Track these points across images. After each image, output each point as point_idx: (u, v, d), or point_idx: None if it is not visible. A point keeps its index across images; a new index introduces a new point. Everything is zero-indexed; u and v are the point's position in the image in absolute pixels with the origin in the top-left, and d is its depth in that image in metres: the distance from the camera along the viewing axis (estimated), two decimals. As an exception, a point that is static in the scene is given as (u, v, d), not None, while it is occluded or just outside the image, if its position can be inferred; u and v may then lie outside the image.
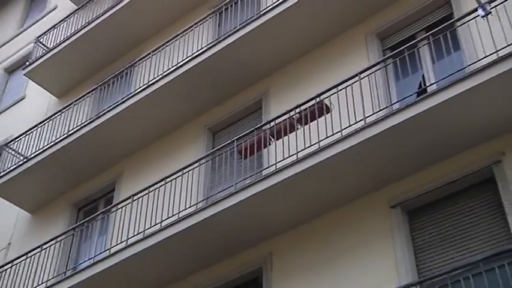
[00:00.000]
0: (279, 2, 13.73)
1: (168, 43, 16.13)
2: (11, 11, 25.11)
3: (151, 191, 13.36)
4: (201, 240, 12.13)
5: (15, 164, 16.78)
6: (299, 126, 11.88)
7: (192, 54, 14.96)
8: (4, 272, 14.79)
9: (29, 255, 14.76)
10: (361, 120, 10.83)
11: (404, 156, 10.53)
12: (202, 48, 14.82)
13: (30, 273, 14.30)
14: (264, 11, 14.04)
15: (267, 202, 11.40)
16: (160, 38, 17.36)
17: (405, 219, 10.60)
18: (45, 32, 20.29)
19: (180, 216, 12.29)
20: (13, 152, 17.09)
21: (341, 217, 11.27)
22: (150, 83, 15.18)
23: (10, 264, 14.92)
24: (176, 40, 15.96)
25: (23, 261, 14.72)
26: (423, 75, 11.49)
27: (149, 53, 16.41)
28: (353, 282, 10.24)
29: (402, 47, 11.49)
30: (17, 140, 17.76)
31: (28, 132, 17.68)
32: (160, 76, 15.05)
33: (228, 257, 12.38)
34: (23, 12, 24.72)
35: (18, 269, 14.58)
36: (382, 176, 10.86)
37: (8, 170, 16.79)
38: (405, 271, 9.85)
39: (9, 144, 17.58)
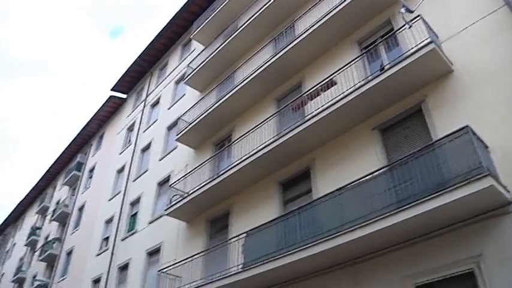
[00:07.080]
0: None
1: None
2: (175, 54, 25.43)
3: (251, 132, 13.64)
4: (277, 155, 12.29)
5: (185, 128, 17.20)
6: (321, 93, 11.81)
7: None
8: (187, 176, 15.68)
9: (197, 168, 15.50)
10: (353, 86, 10.76)
11: (377, 102, 10.33)
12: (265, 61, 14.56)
13: (200, 176, 15.13)
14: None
15: (310, 132, 11.40)
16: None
17: (380, 134, 10.42)
18: (192, 61, 20.60)
19: (266, 143, 12.52)
20: (184, 122, 17.58)
21: (349, 136, 11.05)
22: (242, 81, 15.10)
23: (189, 173, 15.70)
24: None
25: (194, 171, 15.47)
26: (382, 61, 11.15)
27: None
28: (356, 166, 10.21)
29: (370, 48, 11.41)
30: (185, 114, 18.23)
31: (190, 109, 18.10)
32: (249, 74, 14.94)
33: (295, 160, 12.43)
34: (180, 52, 24.90)
35: (193, 175, 15.50)
36: (367, 113, 10.66)
37: (183, 129, 17.21)
38: (382, 160, 9.88)
39: (181, 117, 18.13)
